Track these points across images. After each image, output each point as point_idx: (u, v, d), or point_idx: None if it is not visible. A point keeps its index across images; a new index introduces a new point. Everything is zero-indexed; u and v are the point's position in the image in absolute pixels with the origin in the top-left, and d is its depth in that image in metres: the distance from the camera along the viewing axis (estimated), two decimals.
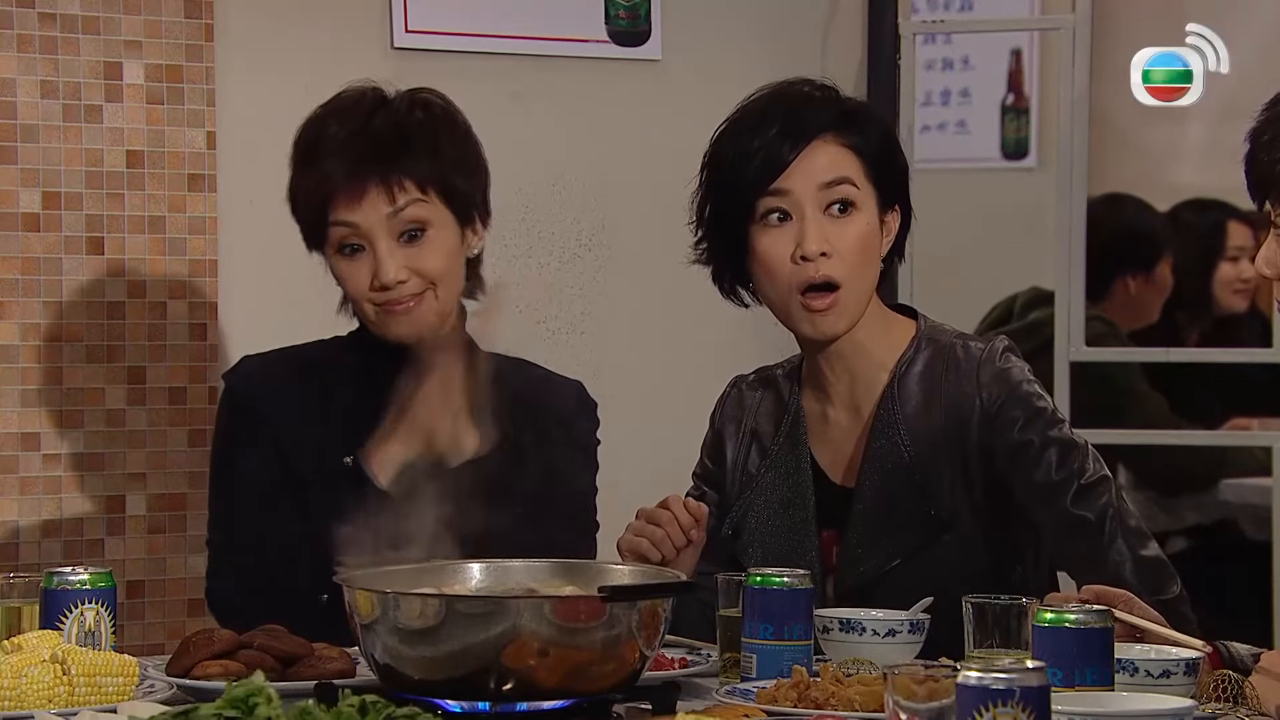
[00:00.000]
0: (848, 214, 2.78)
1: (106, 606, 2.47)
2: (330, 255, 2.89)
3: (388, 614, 2.21)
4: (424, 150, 2.88)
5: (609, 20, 3.89)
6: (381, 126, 2.88)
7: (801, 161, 2.77)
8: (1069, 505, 2.71)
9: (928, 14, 5.81)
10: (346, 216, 2.86)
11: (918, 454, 2.77)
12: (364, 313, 2.91)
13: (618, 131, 3.93)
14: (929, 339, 2.84)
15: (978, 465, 2.76)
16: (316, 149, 2.88)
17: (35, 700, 2.23)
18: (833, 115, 2.82)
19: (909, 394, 2.81)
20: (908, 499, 2.77)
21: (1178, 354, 4.87)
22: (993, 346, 2.80)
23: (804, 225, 2.76)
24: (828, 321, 2.78)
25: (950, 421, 2.77)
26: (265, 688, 1.99)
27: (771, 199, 2.78)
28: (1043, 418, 2.74)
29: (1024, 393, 2.76)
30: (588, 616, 2.20)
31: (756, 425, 2.92)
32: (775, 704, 2.29)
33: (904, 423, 2.79)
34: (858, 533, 2.80)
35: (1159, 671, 2.27)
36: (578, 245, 3.89)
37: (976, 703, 1.82)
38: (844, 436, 2.86)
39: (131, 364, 3.49)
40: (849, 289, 2.77)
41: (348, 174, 2.85)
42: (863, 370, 2.84)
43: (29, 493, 3.42)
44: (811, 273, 2.76)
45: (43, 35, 3.43)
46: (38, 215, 3.43)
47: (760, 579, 2.46)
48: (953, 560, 2.74)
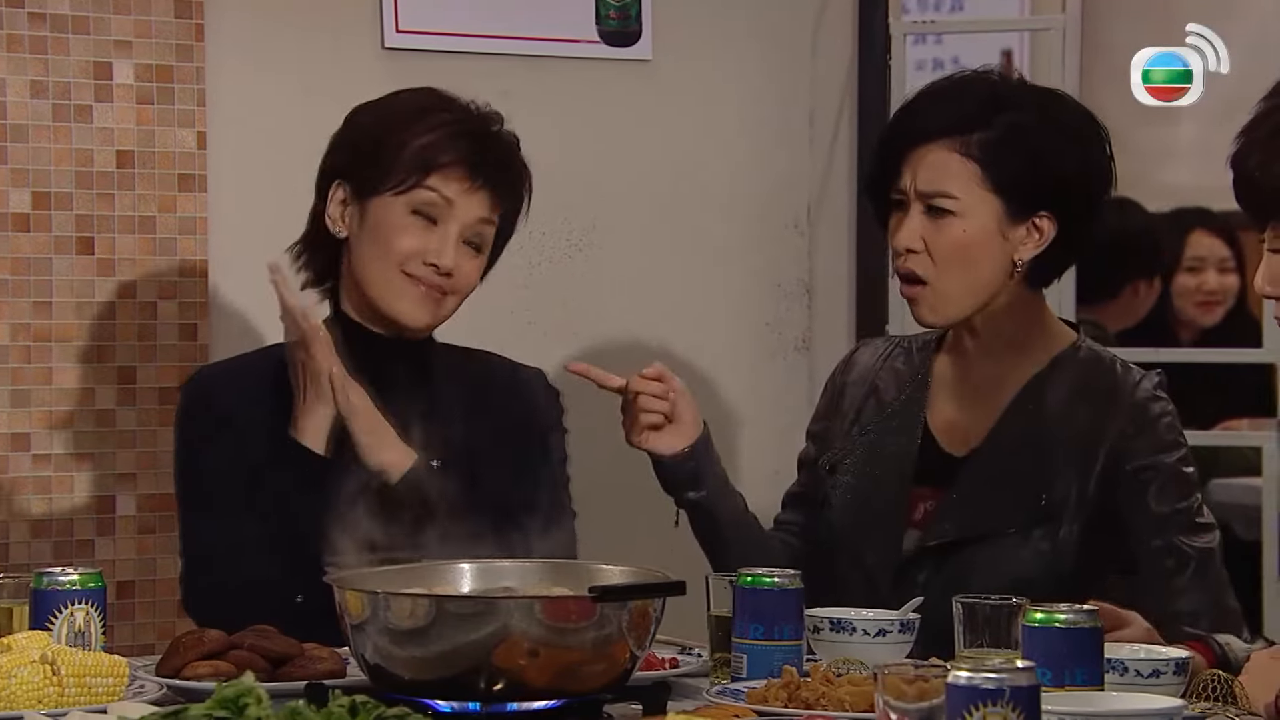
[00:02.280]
0: (945, 217, 2.86)
1: (96, 607, 2.47)
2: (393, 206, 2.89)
3: (378, 614, 2.21)
4: (519, 190, 2.99)
5: (600, 21, 3.89)
6: (504, 145, 2.98)
7: (910, 163, 2.89)
8: (1177, 536, 2.80)
9: (918, 14, 5.81)
10: (447, 192, 2.89)
11: (1047, 444, 2.85)
12: (383, 279, 2.89)
13: (609, 132, 3.93)
14: (1090, 349, 2.94)
15: (1099, 480, 2.83)
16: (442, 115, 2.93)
17: (25, 701, 2.22)
18: (951, 119, 2.88)
19: (1057, 387, 2.89)
20: (1023, 480, 2.84)
21: (1167, 354, 4.88)
22: (1148, 377, 2.90)
23: (904, 219, 2.89)
24: (917, 310, 2.91)
25: (1089, 429, 2.85)
26: (255, 688, 1.99)
27: (894, 190, 2.91)
28: (1177, 453, 2.85)
29: (1165, 424, 2.86)
30: (578, 616, 2.20)
31: (879, 382, 3.01)
32: (766, 704, 2.29)
33: (1043, 412, 2.88)
34: (961, 495, 2.86)
35: (1149, 671, 2.28)
36: (569, 245, 3.89)
37: (966, 703, 1.82)
38: (972, 408, 2.93)
39: (121, 364, 3.48)
40: (936, 286, 2.87)
41: (474, 161, 2.91)
42: (1008, 356, 2.93)
43: (19, 493, 3.42)
44: (900, 264, 2.91)
45: (32, 35, 3.42)
46: (28, 215, 3.43)
47: (751, 579, 2.47)
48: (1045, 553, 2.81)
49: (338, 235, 2.94)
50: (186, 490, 2.96)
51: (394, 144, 2.90)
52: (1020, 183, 2.87)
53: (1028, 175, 2.87)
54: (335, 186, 2.94)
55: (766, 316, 4.00)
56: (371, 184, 2.90)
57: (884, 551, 2.89)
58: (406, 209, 2.89)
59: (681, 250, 3.98)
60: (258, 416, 2.89)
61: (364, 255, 2.92)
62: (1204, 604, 2.79)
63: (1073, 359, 2.92)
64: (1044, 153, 2.87)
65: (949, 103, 2.90)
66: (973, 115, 2.87)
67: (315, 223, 2.98)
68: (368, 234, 2.91)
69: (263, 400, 2.90)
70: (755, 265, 4.01)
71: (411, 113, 2.93)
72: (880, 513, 2.92)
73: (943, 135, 2.87)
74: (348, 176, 2.94)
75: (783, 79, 4.06)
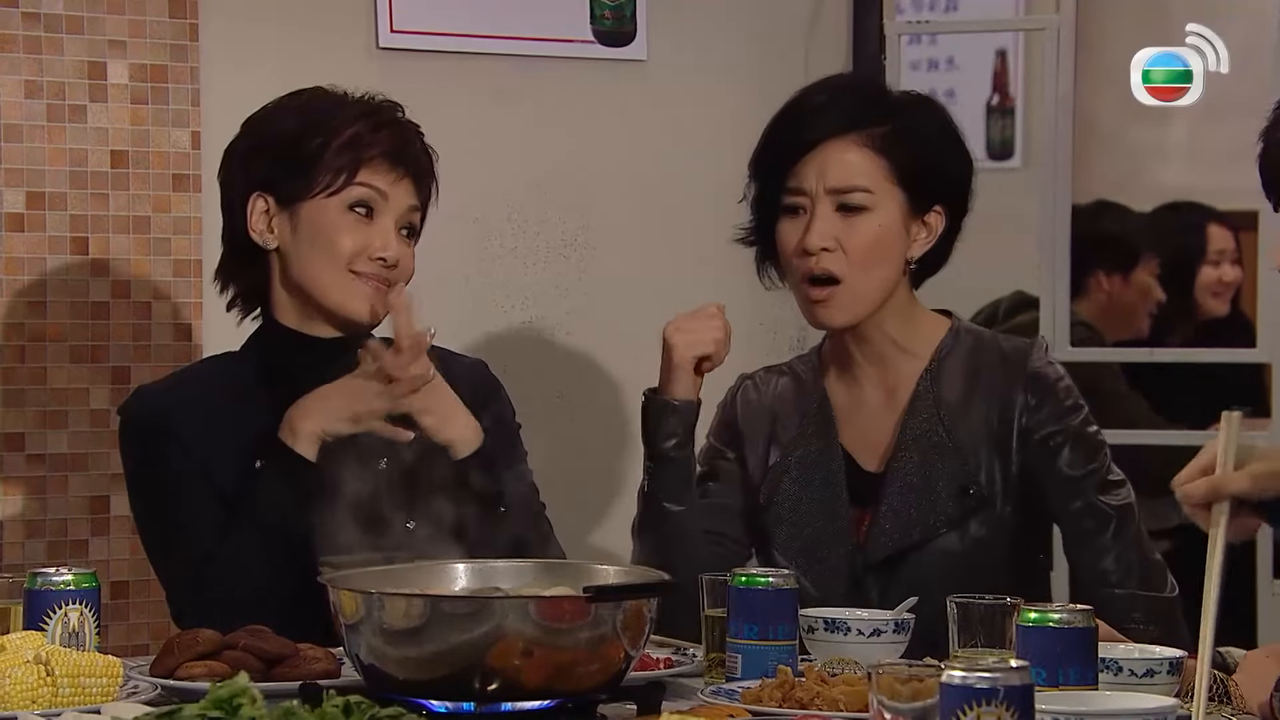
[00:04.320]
0: (858, 214, 2.86)
1: (90, 607, 2.46)
2: (327, 208, 2.87)
3: (372, 614, 2.21)
4: (431, 175, 2.96)
5: (594, 20, 3.89)
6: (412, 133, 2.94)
7: (813, 160, 2.87)
8: (1092, 497, 2.86)
9: (913, 14, 5.81)
10: (379, 183, 2.88)
11: (957, 435, 2.88)
12: (330, 281, 2.86)
13: (603, 132, 3.93)
14: (968, 331, 2.96)
15: (1016, 455, 2.87)
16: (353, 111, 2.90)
17: (18, 701, 2.22)
18: (855, 113, 2.88)
19: (948, 379, 2.91)
20: (944, 477, 2.87)
21: (1161, 354, 4.88)
22: (1036, 344, 2.93)
23: (811, 220, 2.86)
24: (826, 313, 2.89)
25: (992, 410, 2.88)
26: (249, 688, 1.98)
27: (788, 194, 2.90)
28: (1079, 415, 2.89)
29: (1063, 388, 2.89)
30: (572, 616, 2.20)
31: (777, 412, 2.99)
32: (760, 704, 2.29)
33: (943, 405, 2.89)
34: (891, 508, 2.88)
35: (1143, 670, 2.28)
36: (563, 245, 3.89)
37: (960, 702, 1.82)
38: (875, 420, 2.94)
39: (116, 364, 3.48)
40: (850, 285, 2.86)
41: (394, 152, 2.89)
42: (893, 358, 2.93)
43: (13, 493, 3.41)
44: (812, 265, 2.87)
45: (26, 35, 3.42)
46: (22, 215, 3.42)
47: (745, 579, 2.47)
48: (984, 540, 2.85)
49: (266, 247, 2.92)
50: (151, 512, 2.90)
51: (314, 146, 2.87)
52: (922, 176, 2.89)
53: (928, 169, 2.90)
54: (254, 199, 2.91)
55: (760, 316, 4.00)
56: (299, 190, 2.88)
57: (835, 577, 2.90)
58: (343, 207, 2.88)
59: (675, 249, 3.98)
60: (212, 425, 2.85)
61: (305, 260, 2.89)
62: (1129, 560, 2.86)
63: (955, 347, 2.93)
64: (939, 147, 2.92)
65: (847, 98, 2.91)
66: (872, 111, 2.89)
67: (233, 241, 2.95)
68: (305, 239, 2.89)
69: (216, 408, 2.87)
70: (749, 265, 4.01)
71: (322, 113, 2.90)
72: (826, 542, 2.92)
73: (848, 130, 2.87)
74: (267, 187, 2.91)
75: (777, 78, 4.04)
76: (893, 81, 4.14)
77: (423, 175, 2.94)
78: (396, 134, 2.91)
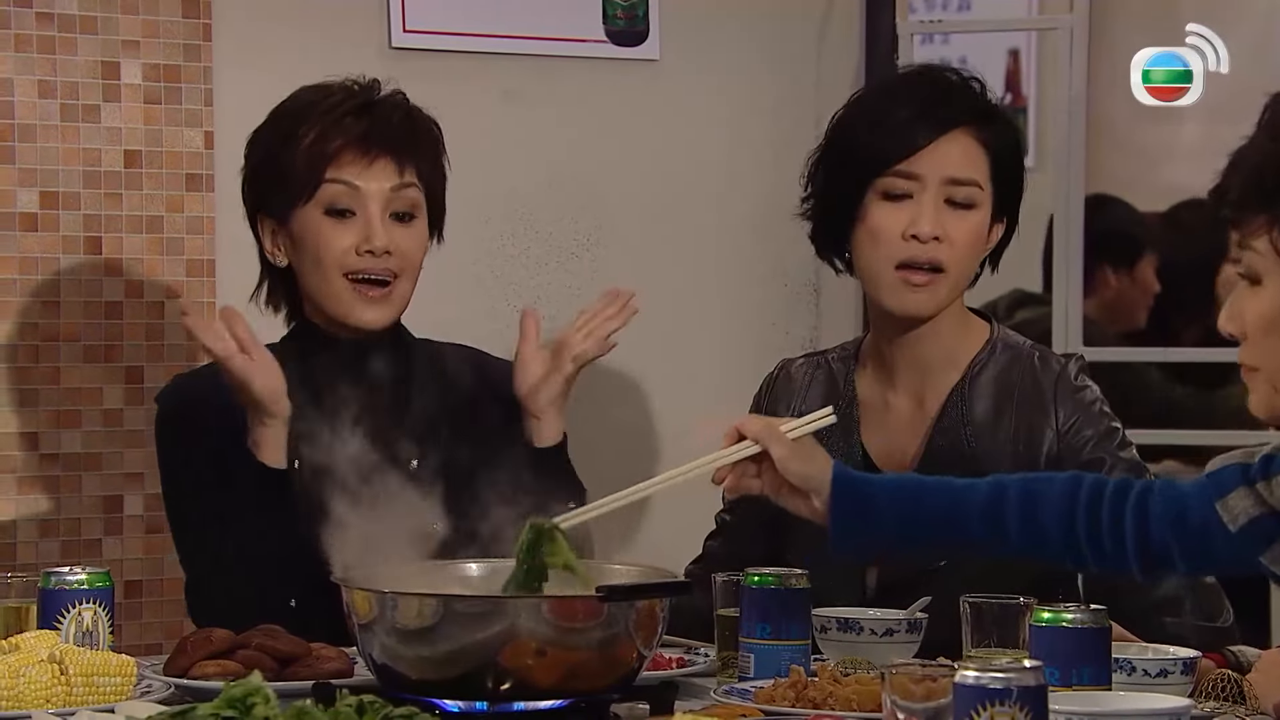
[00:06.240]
0: (965, 209, 2.83)
1: (104, 606, 2.47)
2: (309, 216, 2.87)
3: (385, 614, 2.21)
4: (427, 145, 2.93)
5: (607, 20, 3.89)
6: (391, 107, 2.91)
7: (936, 148, 2.82)
8: None
9: (925, 14, 5.80)
10: (349, 177, 2.86)
11: (983, 454, 2.81)
12: (332, 293, 2.88)
13: (616, 131, 3.93)
14: (1005, 344, 2.89)
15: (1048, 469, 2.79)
16: (318, 109, 2.88)
17: (33, 700, 2.23)
18: (975, 108, 2.85)
19: (980, 395, 2.85)
20: None
21: (1175, 354, 4.87)
22: (1072, 363, 2.86)
23: (922, 208, 2.81)
24: (920, 299, 2.83)
25: (1022, 430, 2.82)
26: (263, 688, 1.99)
27: (897, 179, 2.83)
28: (1114, 439, 2.82)
29: (1098, 412, 2.82)
30: (585, 616, 2.20)
31: (806, 406, 2.93)
32: (773, 704, 2.29)
33: (972, 422, 2.84)
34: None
35: (1156, 671, 2.27)
36: (575, 245, 3.89)
37: (974, 702, 1.82)
38: (902, 427, 2.89)
39: (129, 364, 3.48)
40: (951, 276, 2.83)
41: (361, 136, 2.86)
42: (935, 362, 2.88)
43: (27, 492, 3.42)
44: (919, 251, 2.81)
45: (40, 35, 3.42)
46: (35, 215, 3.43)
47: (758, 579, 2.47)
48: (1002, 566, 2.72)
49: (280, 266, 2.93)
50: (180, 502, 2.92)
51: (287, 156, 2.88)
52: (1009, 184, 2.87)
53: (1014, 178, 2.88)
54: (261, 221, 2.94)
55: (773, 316, 4.00)
56: (286, 203, 2.89)
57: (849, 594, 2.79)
58: (319, 211, 2.88)
59: (688, 249, 3.97)
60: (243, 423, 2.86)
61: (307, 274, 2.91)
62: (1181, 585, 2.76)
63: (989, 362, 2.87)
64: (1021, 159, 2.90)
65: (965, 91, 2.87)
66: (985, 108, 2.86)
67: (263, 264, 2.98)
68: (301, 253, 2.90)
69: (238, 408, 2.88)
70: (762, 264, 4.01)
71: (291, 119, 2.90)
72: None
73: (969, 123, 2.84)
74: (265, 206, 2.93)
75: (790, 78, 4.05)
76: None
77: (405, 148, 2.89)
78: (363, 115, 2.88)
